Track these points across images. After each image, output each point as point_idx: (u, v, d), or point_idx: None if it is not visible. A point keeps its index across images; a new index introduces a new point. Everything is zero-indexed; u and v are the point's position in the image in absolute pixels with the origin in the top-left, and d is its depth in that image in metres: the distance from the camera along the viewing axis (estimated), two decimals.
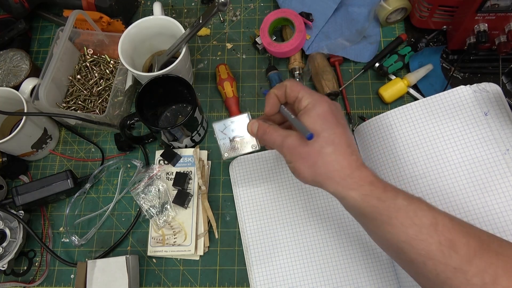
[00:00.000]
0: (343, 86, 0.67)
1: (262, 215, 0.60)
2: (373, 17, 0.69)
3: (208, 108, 0.69)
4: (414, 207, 0.37)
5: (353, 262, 0.56)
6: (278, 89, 0.45)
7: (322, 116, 0.41)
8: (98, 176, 0.66)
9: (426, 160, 0.54)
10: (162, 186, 0.61)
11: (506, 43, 0.59)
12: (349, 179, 0.39)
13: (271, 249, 0.58)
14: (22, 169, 0.67)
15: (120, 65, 0.65)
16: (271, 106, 0.46)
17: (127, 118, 0.59)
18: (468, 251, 0.35)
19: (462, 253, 0.34)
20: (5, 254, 0.59)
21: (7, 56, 0.68)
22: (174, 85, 0.60)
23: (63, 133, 0.70)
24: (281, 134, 0.43)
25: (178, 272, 0.60)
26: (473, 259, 0.34)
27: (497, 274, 0.33)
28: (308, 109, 0.42)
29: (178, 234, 0.59)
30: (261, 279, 0.56)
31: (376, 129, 0.58)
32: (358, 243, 0.56)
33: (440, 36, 0.68)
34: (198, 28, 0.57)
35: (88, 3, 0.70)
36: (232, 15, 0.75)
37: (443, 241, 0.35)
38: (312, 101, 0.42)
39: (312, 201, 0.59)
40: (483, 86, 0.54)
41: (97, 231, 0.63)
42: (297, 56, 0.68)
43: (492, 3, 0.55)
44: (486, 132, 0.52)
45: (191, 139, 0.63)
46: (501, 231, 0.48)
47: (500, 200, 0.49)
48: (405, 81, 0.64)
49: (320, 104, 0.41)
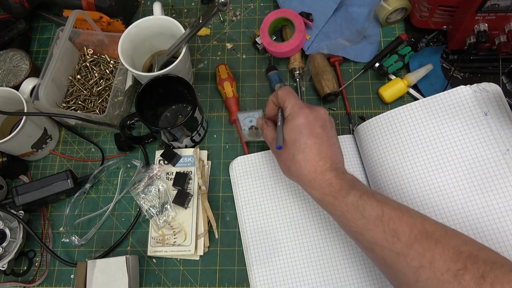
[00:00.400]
0: (343, 86, 0.67)
1: (262, 215, 0.60)
2: (373, 17, 0.69)
3: (208, 108, 0.69)
4: (362, 202, 0.43)
5: (353, 262, 0.56)
6: (274, 96, 0.53)
7: (297, 128, 0.48)
8: (98, 176, 0.66)
9: (426, 160, 0.53)
10: (162, 186, 0.61)
11: (506, 43, 0.59)
12: (313, 181, 0.47)
13: (271, 249, 0.58)
14: (22, 169, 0.67)
15: (120, 65, 0.65)
16: (269, 110, 0.54)
17: (127, 118, 0.58)
18: (409, 238, 0.39)
19: (404, 240, 0.40)
20: (5, 254, 0.59)
21: (7, 56, 0.68)
22: (174, 85, 0.60)
23: (63, 133, 0.70)
24: (271, 136, 0.52)
25: (178, 272, 0.60)
26: (413, 245, 0.39)
27: (434, 258, 0.37)
28: (288, 120, 0.49)
29: (178, 234, 0.59)
30: (261, 279, 0.56)
31: (376, 129, 0.58)
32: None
33: (440, 36, 0.68)
34: (198, 28, 0.57)
35: (88, 3, 0.70)
36: (232, 15, 0.75)
37: (387, 230, 0.41)
38: (292, 113, 0.49)
39: (312, 201, 0.59)
40: (483, 86, 0.54)
41: (97, 231, 0.63)
42: (297, 56, 0.68)
43: (492, 3, 0.55)
44: (486, 132, 0.52)
45: (191, 139, 0.63)
46: (501, 231, 0.48)
47: (500, 200, 0.49)
48: (405, 81, 0.64)
49: (298, 116, 0.48)
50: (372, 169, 0.58)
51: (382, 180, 0.56)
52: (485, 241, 0.48)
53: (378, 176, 0.56)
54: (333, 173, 0.46)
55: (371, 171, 0.58)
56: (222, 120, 0.68)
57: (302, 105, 0.49)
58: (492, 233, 0.48)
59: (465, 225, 0.49)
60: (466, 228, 0.49)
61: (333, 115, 0.67)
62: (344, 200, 0.44)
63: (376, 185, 0.57)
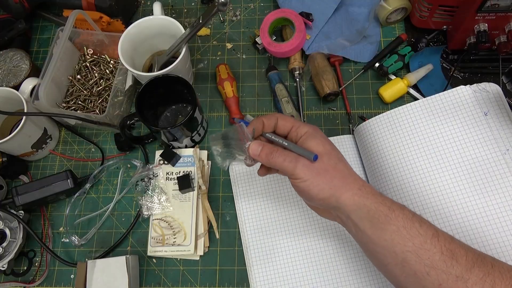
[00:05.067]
0: (343, 86, 0.67)
1: (262, 215, 0.60)
2: (373, 17, 0.69)
3: (208, 108, 0.69)
4: (418, 218, 0.39)
5: (354, 262, 0.56)
6: (268, 119, 0.47)
7: (326, 139, 0.45)
8: (98, 176, 0.66)
9: (426, 160, 0.53)
10: (162, 186, 0.61)
11: (506, 43, 0.59)
12: (363, 188, 0.42)
13: (271, 249, 0.58)
14: (22, 169, 0.67)
15: (120, 65, 0.65)
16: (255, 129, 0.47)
17: (127, 118, 0.59)
18: (467, 261, 0.37)
19: (463, 263, 0.36)
20: (5, 254, 0.59)
21: (7, 56, 0.68)
22: (174, 85, 0.60)
23: (63, 133, 0.70)
24: (292, 153, 0.44)
25: (178, 272, 0.60)
26: (472, 268, 0.36)
27: (495, 283, 0.35)
28: (311, 134, 0.44)
29: (178, 234, 0.59)
30: (261, 279, 0.56)
31: (376, 129, 0.58)
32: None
33: (440, 36, 0.68)
34: (198, 28, 0.57)
35: (88, 3, 0.70)
36: (232, 15, 0.75)
37: (445, 251, 0.37)
38: (311, 127, 0.45)
39: None
40: (483, 86, 0.54)
41: (97, 231, 0.63)
42: (297, 56, 0.68)
43: (492, 3, 0.55)
44: (486, 132, 0.52)
45: (191, 139, 0.63)
46: (501, 231, 0.48)
47: (500, 200, 0.49)
48: (405, 81, 0.64)
49: (318, 130, 0.45)
50: (372, 169, 0.58)
51: (382, 180, 0.56)
52: (485, 241, 0.48)
53: (378, 176, 0.56)
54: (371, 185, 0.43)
55: (371, 171, 0.58)
56: (222, 120, 0.68)
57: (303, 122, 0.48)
58: (492, 233, 0.48)
59: (465, 225, 0.49)
60: (466, 228, 0.49)
61: (333, 115, 0.67)
62: (401, 212, 0.39)
63: (376, 185, 0.57)
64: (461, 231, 0.49)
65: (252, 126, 0.46)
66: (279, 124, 0.47)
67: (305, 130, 0.45)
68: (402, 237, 0.38)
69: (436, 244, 0.37)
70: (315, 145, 0.43)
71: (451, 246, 0.37)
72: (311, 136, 0.44)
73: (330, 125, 0.66)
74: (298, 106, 0.66)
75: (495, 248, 0.48)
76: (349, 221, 0.43)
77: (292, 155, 0.44)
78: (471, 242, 0.49)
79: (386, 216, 0.39)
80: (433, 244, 0.38)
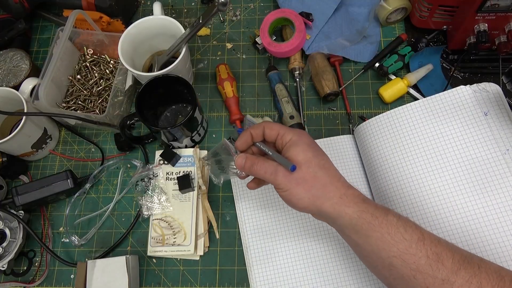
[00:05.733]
0: (343, 86, 0.67)
1: (262, 215, 0.60)
2: (373, 17, 0.69)
3: (208, 108, 0.69)
4: (403, 223, 0.39)
5: (353, 262, 0.55)
6: (255, 129, 0.47)
7: (309, 146, 0.44)
8: (98, 176, 0.66)
9: (426, 160, 0.53)
10: (162, 186, 0.61)
11: (506, 43, 0.59)
12: (345, 197, 0.41)
13: (271, 249, 0.58)
14: (22, 169, 0.67)
15: (120, 65, 0.65)
16: (243, 143, 0.48)
17: (127, 118, 0.59)
18: (454, 264, 0.37)
19: (448, 266, 0.37)
20: (5, 254, 0.59)
21: (7, 56, 0.68)
22: (174, 85, 0.60)
23: (63, 133, 0.70)
24: (273, 164, 0.44)
25: (178, 272, 0.60)
26: (459, 271, 0.36)
27: (481, 284, 0.36)
28: (294, 141, 0.44)
29: (178, 234, 0.59)
30: (261, 279, 0.56)
31: (376, 129, 0.58)
32: None
33: (440, 36, 0.68)
34: (198, 28, 0.57)
35: (88, 3, 0.70)
36: (232, 15, 0.75)
37: (430, 254, 0.37)
38: (295, 134, 0.44)
39: None
40: (483, 86, 0.54)
41: (97, 231, 0.63)
42: (297, 56, 0.68)
43: (492, 3, 0.55)
44: (486, 132, 0.52)
45: (191, 139, 0.63)
46: (501, 231, 0.48)
47: (500, 200, 0.49)
48: (405, 81, 0.64)
49: (303, 136, 0.45)
50: (372, 169, 0.58)
51: (382, 180, 0.56)
52: (485, 241, 0.48)
53: (378, 176, 0.56)
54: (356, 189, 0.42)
55: (371, 171, 0.58)
56: (222, 120, 0.68)
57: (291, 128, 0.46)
58: (492, 233, 0.48)
59: (465, 225, 0.49)
60: (466, 228, 0.49)
61: (333, 115, 0.67)
62: (385, 218, 0.39)
63: (376, 186, 0.57)
64: (461, 231, 0.49)
65: (239, 140, 0.47)
66: (265, 133, 0.46)
67: (289, 138, 0.44)
68: (386, 243, 0.39)
69: (421, 248, 0.38)
70: (295, 154, 0.43)
71: (437, 249, 0.38)
72: (294, 144, 0.44)
73: (330, 125, 0.66)
74: (298, 106, 0.66)
75: (495, 248, 0.48)
76: (335, 226, 0.43)
77: (273, 165, 0.44)
78: (471, 242, 0.49)
79: (369, 223, 0.40)
80: (419, 248, 0.38)
